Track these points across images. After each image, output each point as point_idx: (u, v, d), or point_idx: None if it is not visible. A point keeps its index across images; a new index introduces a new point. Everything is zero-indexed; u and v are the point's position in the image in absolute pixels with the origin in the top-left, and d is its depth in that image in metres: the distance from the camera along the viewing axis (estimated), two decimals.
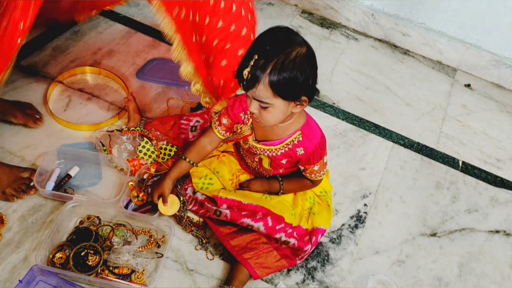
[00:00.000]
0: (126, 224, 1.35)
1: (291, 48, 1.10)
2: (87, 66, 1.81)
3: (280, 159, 1.33)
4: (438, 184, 1.71)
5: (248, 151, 1.39)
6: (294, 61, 1.09)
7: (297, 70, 1.09)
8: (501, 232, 1.60)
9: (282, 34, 1.12)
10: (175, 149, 1.54)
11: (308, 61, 1.12)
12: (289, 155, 1.31)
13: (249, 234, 1.35)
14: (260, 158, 1.38)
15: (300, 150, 1.28)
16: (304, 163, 1.32)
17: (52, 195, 1.39)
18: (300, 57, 1.10)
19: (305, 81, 1.12)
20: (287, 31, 1.14)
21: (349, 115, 1.89)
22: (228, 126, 1.37)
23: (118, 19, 2.06)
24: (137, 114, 1.63)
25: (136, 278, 1.24)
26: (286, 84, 1.10)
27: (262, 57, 1.08)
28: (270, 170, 1.41)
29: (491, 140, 1.93)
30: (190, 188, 1.42)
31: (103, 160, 1.50)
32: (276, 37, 1.11)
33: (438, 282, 1.44)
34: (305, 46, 1.12)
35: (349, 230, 1.51)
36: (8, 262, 1.26)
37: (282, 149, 1.30)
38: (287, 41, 1.11)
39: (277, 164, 1.36)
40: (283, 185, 1.41)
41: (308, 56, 1.12)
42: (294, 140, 1.28)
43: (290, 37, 1.12)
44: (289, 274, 1.37)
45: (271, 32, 1.13)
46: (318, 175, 1.35)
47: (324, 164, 1.34)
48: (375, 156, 1.75)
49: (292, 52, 1.09)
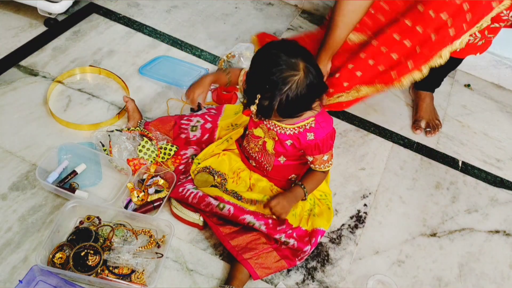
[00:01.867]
0: (126, 224, 1.35)
1: (288, 80, 1.14)
2: (87, 66, 1.81)
3: (286, 139, 1.34)
4: (438, 184, 1.71)
5: (253, 134, 1.40)
6: (297, 91, 1.15)
7: (300, 94, 1.16)
8: (501, 232, 1.60)
9: (276, 64, 1.15)
10: (175, 149, 1.54)
11: (307, 78, 1.16)
12: (297, 138, 1.32)
13: (249, 234, 1.35)
14: (264, 141, 1.38)
15: (310, 135, 1.31)
16: (313, 150, 1.33)
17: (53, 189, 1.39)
18: (299, 83, 1.15)
19: (311, 94, 1.19)
20: (280, 53, 1.16)
21: (349, 115, 1.89)
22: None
23: (118, 19, 2.06)
24: (137, 113, 1.63)
25: (136, 278, 1.24)
26: (296, 109, 1.20)
27: (264, 98, 1.15)
28: (271, 158, 1.41)
29: (491, 140, 1.93)
30: (191, 184, 1.42)
31: (103, 160, 1.50)
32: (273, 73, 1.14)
33: (438, 282, 1.44)
34: (300, 64, 1.15)
35: (349, 230, 1.51)
36: (8, 262, 1.26)
37: (292, 130, 1.32)
38: (282, 73, 1.14)
39: (281, 146, 1.36)
40: (304, 187, 1.39)
41: (307, 74, 1.16)
42: (307, 125, 1.30)
43: (285, 67, 1.14)
44: (289, 274, 1.37)
45: (265, 63, 1.17)
46: (327, 165, 1.37)
47: (332, 155, 1.37)
48: (375, 156, 1.75)
49: (291, 85, 1.14)
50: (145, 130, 1.56)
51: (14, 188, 1.41)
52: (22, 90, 1.69)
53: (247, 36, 2.13)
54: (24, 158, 1.49)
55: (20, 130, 1.56)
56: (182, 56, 1.96)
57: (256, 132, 1.40)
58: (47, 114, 1.63)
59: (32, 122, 1.59)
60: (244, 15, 2.25)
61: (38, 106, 1.64)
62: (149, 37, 2.01)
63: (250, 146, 1.44)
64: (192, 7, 2.23)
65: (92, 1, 2.12)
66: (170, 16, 2.16)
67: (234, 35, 2.13)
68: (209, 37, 2.09)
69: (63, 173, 1.45)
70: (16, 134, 1.55)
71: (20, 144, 1.52)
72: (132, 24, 2.06)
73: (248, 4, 2.32)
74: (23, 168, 1.46)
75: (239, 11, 2.27)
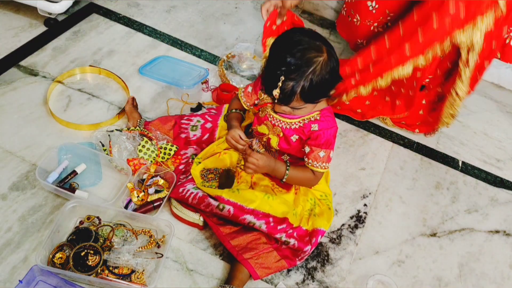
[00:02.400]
0: (126, 224, 1.35)
1: (313, 61, 1.15)
2: (87, 66, 1.81)
3: (291, 135, 1.35)
4: (438, 184, 1.71)
5: (257, 131, 1.40)
6: (320, 73, 1.16)
7: (324, 78, 1.17)
8: (501, 232, 1.60)
9: (300, 44, 1.16)
10: (175, 149, 1.54)
11: (330, 63, 1.19)
12: (302, 131, 1.33)
13: (249, 234, 1.35)
14: (269, 137, 1.38)
15: (314, 126, 1.32)
16: (313, 141, 1.33)
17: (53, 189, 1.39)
18: (324, 65, 1.16)
19: (332, 80, 1.20)
20: (303, 36, 1.18)
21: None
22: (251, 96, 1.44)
23: (118, 19, 2.06)
24: (135, 113, 1.63)
25: (136, 278, 1.24)
26: (318, 93, 1.20)
27: (288, 79, 1.15)
28: (275, 156, 1.42)
29: (491, 140, 1.93)
30: (191, 184, 1.42)
31: (103, 160, 1.50)
32: (296, 52, 1.15)
33: (438, 282, 1.44)
34: (324, 47, 1.18)
35: (349, 230, 1.51)
36: (8, 262, 1.26)
37: (297, 124, 1.33)
38: (307, 53, 1.15)
39: (286, 142, 1.37)
40: (289, 168, 1.37)
41: (330, 57, 1.18)
42: (312, 117, 1.32)
43: (308, 48, 1.16)
44: (289, 274, 1.37)
45: (288, 44, 1.17)
46: (320, 165, 1.35)
47: (329, 157, 1.35)
48: (375, 156, 1.75)
49: (316, 66, 1.15)
50: (145, 130, 1.56)
51: (14, 188, 1.41)
52: (22, 90, 1.69)
53: (247, 36, 2.13)
54: (24, 158, 1.49)
55: (20, 130, 1.56)
56: (182, 56, 1.96)
57: (260, 129, 1.40)
58: (47, 114, 1.63)
59: (32, 122, 1.60)
60: (244, 15, 2.25)
61: (38, 106, 1.64)
62: (149, 37, 2.01)
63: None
64: (192, 7, 2.23)
65: (92, 1, 2.12)
66: (170, 16, 2.16)
67: (234, 35, 2.13)
68: (209, 37, 2.10)
69: (63, 173, 1.45)
70: (16, 134, 1.55)
71: (20, 144, 1.52)
72: (132, 24, 2.06)
73: (248, 4, 2.32)
74: (23, 168, 1.46)
75: (239, 11, 2.27)
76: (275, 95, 1.17)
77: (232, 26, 2.18)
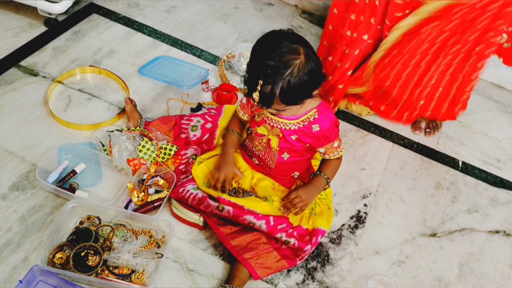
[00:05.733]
0: (126, 224, 1.35)
1: (290, 64, 1.15)
2: (87, 66, 1.81)
3: (291, 135, 1.35)
4: (438, 184, 1.71)
5: (257, 133, 1.40)
6: (298, 75, 1.16)
7: (302, 80, 1.17)
8: (501, 232, 1.60)
9: (278, 47, 1.16)
10: (175, 149, 1.54)
11: (309, 64, 1.19)
12: (302, 132, 1.34)
13: (249, 234, 1.35)
14: (269, 138, 1.38)
15: (316, 127, 1.32)
16: (323, 141, 1.35)
17: (54, 189, 1.39)
18: (301, 67, 1.16)
19: (312, 81, 1.20)
20: (281, 39, 1.18)
21: (349, 115, 1.89)
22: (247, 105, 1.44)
23: (118, 19, 2.06)
24: (136, 113, 1.63)
25: (136, 278, 1.24)
26: (297, 95, 1.20)
27: (267, 83, 1.16)
28: (275, 155, 1.41)
29: (491, 140, 1.93)
30: (191, 184, 1.42)
31: (103, 160, 1.50)
32: (274, 56, 1.16)
33: (438, 282, 1.44)
34: (301, 49, 1.17)
35: (349, 230, 1.51)
36: (8, 262, 1.26)
37: (297, 125, 1.33)
38: (284, 56, 1.16)
39: (286, 142, 1.37)
40: (324, 174, 1.42)
41: (308, 59, 1.18)
42: (310, 117, 1.32)
43: (286, 51, 1.16)
44: (289, 274, 1.37)
45: (266, 48, 1.18)
46: (339, 151, 1.40)
47: (340, 141, 1.40)
48: (375, 156, 1.75)
49: (293, 69, 1.16)
50: (145, 130, 1.56)
51: (14, 188, 1.41)
52: (22, 90, 1.69)
53: (247, 36, 2.13)
54: (24, 158, 1.49)
55: (20, 130, 1.56)
56: (182, 56, 1.96)
57: (259, 130, 1.40)
58: (47, 114, 1.63)
59: (32, 122, 1.59)
60: (244, 15, 2.25)
61: (38, 106, 1.64)
62: (149, 37, 2.01)
63: (254, 144, 1.44)
64: (192, 7, 2.23)
65: (92, 1, 2.12)
66: (170, 16, 2.16)
67: (234, 35, 2.13)
68: (209, 37, 2.10)
69: (63, 173, 1.45)
70: (16, 134, 1.55)
71: (20, 144, 1.52)
72: (132, 24, 2.06)
73: (248, 4, 2.32)
74: (23, 168, 1.46)
75: (239, 11, 2.27)
76: (255, 98, 1.19)
77: (232, 26, 2.18)
